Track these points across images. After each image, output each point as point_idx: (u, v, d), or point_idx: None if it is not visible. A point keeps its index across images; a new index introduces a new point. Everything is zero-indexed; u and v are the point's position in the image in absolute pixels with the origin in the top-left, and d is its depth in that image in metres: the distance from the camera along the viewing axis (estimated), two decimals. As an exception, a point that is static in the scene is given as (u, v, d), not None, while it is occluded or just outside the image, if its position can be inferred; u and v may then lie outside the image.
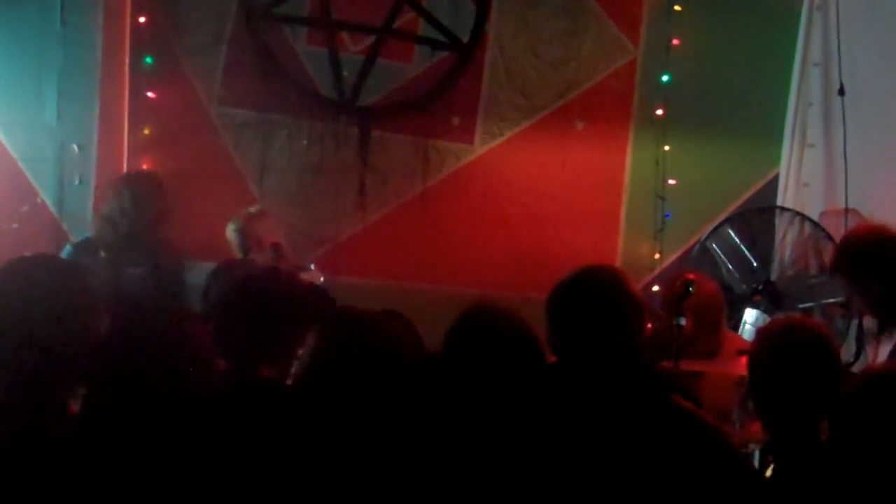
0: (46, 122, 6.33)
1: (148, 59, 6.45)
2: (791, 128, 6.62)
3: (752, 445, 4.37)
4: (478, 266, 6.49)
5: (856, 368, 4.89)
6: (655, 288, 6.32)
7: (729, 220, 6.44)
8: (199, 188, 6.40)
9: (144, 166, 6.33)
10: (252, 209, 5.82)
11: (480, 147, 6.70)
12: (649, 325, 3.66)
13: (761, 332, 3.41)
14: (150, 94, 6.43)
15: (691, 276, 4.66)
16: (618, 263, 6.58)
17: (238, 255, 5.59)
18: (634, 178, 6.73)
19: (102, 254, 5.53)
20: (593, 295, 3.31)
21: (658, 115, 6.67)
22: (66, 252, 5.60)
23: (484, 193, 6.64)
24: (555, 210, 6.62)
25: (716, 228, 6.40)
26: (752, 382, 3.28)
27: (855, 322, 5.14)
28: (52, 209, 6.27)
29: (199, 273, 5.31)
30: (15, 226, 6.16)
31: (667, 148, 6.67)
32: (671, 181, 6.68)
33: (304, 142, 6.56)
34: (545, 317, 3.33)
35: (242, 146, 6.55)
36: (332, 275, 5.82)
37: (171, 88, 6.47)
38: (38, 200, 6.23)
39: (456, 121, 6.67)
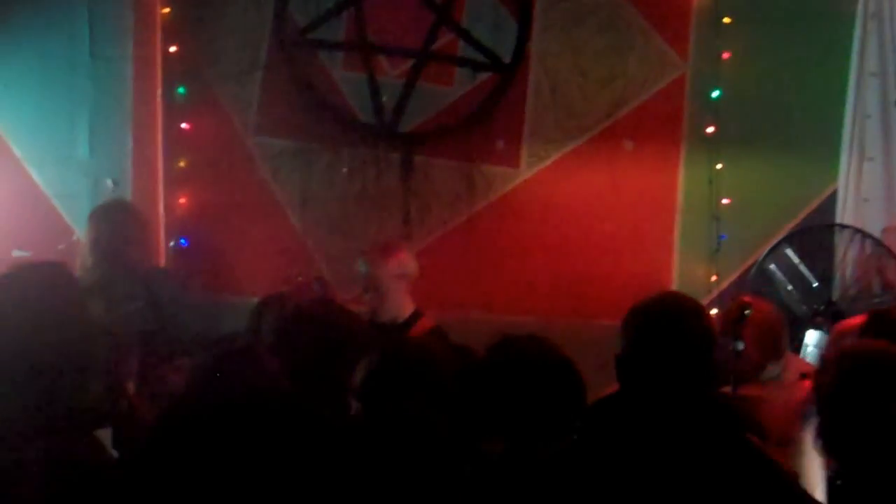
0: (79, 158, 6.24)
1: (181, 90, 6.34)
2: (848, 141, 6.40)
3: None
4: (529, 293, 6.30)
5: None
6: (714, 311, 6.10)
7: (787, 239, 6.27)
8: (239, 220, 6.31)
9: (181, 200, 6.21)
10: (381, 245, 5.50)
11: (527, 170, 6.49)
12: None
13: (833, 355, 3.25)
14: (184, 125, 6.32)
15: (747, 300, 4.50)
16: (673, 287, 6.39)
17: (365, 295, 5.33)
18: (687, 199, 6.50)
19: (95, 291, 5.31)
20: (678, 324, 3.15)
21: (709, 132, 6.46)
22: None
23: (532, 218, 6.44)
24: (606, 233, 6.42)
25: (773, 248, 6.23)
26: (821, 409, 3.09)
27: None
28: (88, 246, 6.12)
29: (240, 308, 5.15)
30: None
31: (719, 166, 6.44)
32: (725, 200, 6.45)
33: (345, 170, 6.40)
34: (619, 340, 3.17)
35: (281, 176, 6.40)
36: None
37: (206, 119, 6.36)
38: (74, 238, 6.09)
39: (501, 144, 6.47)
